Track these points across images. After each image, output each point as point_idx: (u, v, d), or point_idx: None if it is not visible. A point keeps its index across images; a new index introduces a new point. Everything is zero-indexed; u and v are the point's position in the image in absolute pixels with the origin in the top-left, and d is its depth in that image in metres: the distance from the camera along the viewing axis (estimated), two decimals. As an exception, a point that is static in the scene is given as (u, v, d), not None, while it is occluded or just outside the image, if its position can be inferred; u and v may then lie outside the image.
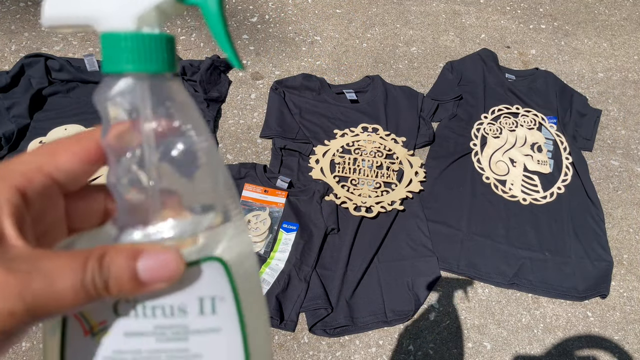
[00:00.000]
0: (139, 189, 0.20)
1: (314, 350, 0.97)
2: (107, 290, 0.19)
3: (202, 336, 0.21)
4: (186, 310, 0.21)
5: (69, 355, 0.21)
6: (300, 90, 1.36)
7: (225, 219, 0.22)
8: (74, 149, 0.21)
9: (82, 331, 0.21)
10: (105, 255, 0.19)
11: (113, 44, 0.19)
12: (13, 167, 0.20)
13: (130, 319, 0.21)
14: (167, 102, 0.20)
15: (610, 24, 1.75)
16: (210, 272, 0.21)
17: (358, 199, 1.15)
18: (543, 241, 1.15)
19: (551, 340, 1.03)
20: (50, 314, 0.18)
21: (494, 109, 1.38)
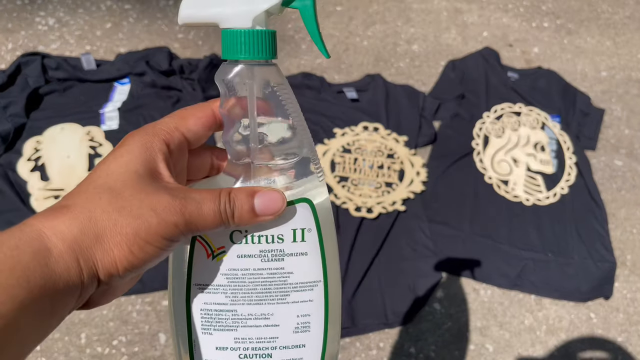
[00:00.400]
0: (244, 148, 0.28)
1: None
2: (232, 218, 0.26)
3: (294, 258, 0.28)
4: (283, 238, 0.28)
5: (195, 272, 0.28)
6: (300, 88, 1.34)
7: (310, 172, 0.29)
8: (198, 115, 0.28)
9: (206, 254, 0.28)
10: (232, 192, 0.26)
11: (232, 38, 0.26)
12: (160, 127, 0.27)
13: (242, 245, 0.28)
14: (268, 82, 0.27)
15: (614, 22, 1.74)
16: (301, 210, 0.28)
17: (359, 199, 1.14)
18: (546, 242, 1.14)
19: (554, 342, 1.02)
20: (198, 229, 0.25)
21: (497, 107, 1.37)
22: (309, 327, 0.30)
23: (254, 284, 0.28)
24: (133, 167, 0.25)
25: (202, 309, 0.29)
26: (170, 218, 0.24)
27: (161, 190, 0.24)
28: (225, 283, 0.28)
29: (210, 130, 0.29)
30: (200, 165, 0.30)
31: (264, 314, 0.29)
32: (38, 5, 1.49)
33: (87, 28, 1.45)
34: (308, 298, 0.29)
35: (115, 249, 0.23)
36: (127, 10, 1.52)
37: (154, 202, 0.24)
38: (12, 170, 1.09)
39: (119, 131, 1.18)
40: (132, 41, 1.43)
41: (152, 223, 0.23)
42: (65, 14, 1.48)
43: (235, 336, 0.29)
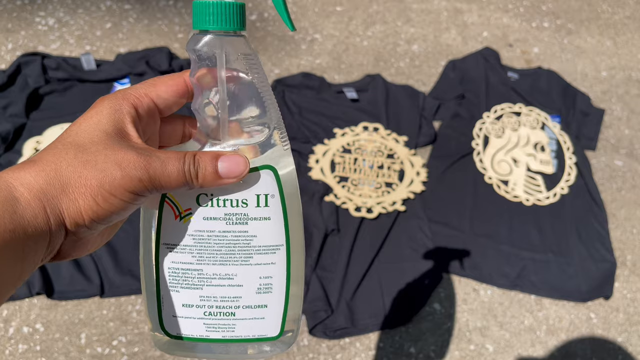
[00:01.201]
0: (213, 115, 0.29)
1: (314, 352, 0.96)
2: (196, 179, 0.27)
3: (258, 222, 0.30)
4: (247, 203, 0.29)
5: (163, 232, 0.30)
6: (300, 89, 1.34)
7: (275, 142, 0.30)
8: (169, 83, 0.29)
9: (174, 215, 0.29)
10: (197, 154, 0.27)
11: (202, 10, 0.27)
12: (129, 92, 0.28)
13: (207, 208, 0.29)
14: (237, 53, 0.28)
15: (614, 22, 1.74)
16: (265, 177, 0.29)
17: (358, 199, 1.14)
18: (546, 242, 1.14)
19: (554, 342, 1.02)
20: (162, 187, 0.26)
21: (497, 108, 1.37)
22: (271, 288, 0.31)
23: (219, 245, 0.30)
24: (102, 126, 0.26)
25: (170, 268, 0.30)
26: (134, 173, 0.25)
27: (127, 148, 0.26)
28: (191, 243, 0.30)
29: (180, 98, 0.30)
30: (172, 132, 0.32)
31: (228, 274, 0.30)
32: (38, 5, 1.49)
33: (87, 28, 1.45)
34: (270, 261, 0.31)
35: (80, 199, 0.25)
36: (127, 11, 1.52)
37: (119, 158, 0.25)
38: (12, 170, 1.09)
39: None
40: (132, 41, 1.43)
41: (116, 176, 0.25)
42: (65, 14, 1.48)
43: (201, 294, 0.31)
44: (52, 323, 0.95)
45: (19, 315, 0.95)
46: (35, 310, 0.96)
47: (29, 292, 0.96)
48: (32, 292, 0.96)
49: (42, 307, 0.97)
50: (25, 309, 0.96)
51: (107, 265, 0.99)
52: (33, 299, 0.97)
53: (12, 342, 0.92)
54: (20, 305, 0.96)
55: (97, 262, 0.99)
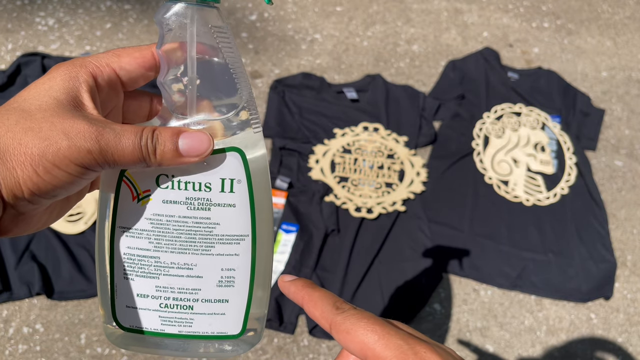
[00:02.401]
0: (180, 91, 0.26)
1: (314, 353, 0.96)
2: (154, 155, 0.25)
3: (222, 209, 0.27)
4: (211, 187, 0.27)
5: (120, 214, 0.27)
6: (300, 89, 1.34)
7: (245, 122, 0.28)
8: (134, 54, 0.27)
9: (131, 196, 0.27)
10: (157, 129, 0.25)
11: None
12: (88, 60, 0.26)
13: (167, 190, 0.27)
14: (208, 25, 0.26)
15: (614, 23, 1.74)
16: (232, 159, 0.27)
17: (359, 200, 1.14)
18: (546, 242, 1.14)
19: (554, 343, 1.02)
20: (114, 161, 0.24)
21: (497, 108, 1.37)
22: (233, 282, 0.29)
23: (178, 231, 0.27)
24: (53, 93, 0.24)
25: (125, 253, 0.28)
26: (83, 143, 0.23)
27: (79, 117, 0.24)
28: (149, 228, 0.27)
29: (147, 71, 0.27)
30: (137, 109, 0.29)
31: (187, 264, 0.28)
32: (38, 5, 1.48)
33: (87, 28, 1.45)
34: (234, 252, 0.28)
35: (18, 169, 0.22)
36: (127, 11, 1.52)
37: (67, 126, 0.23)
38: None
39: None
40: (132, 41, 1.43)
41: (61, 146, 0.23)
42: (65, 14, 1.48)
43: (157, 284, 0.28)
44: (52, 323, 0.95)
45: (19, 316, 0.95)
46: (35, 310, 0.96)
47: (29, 293, 0.96)
48: (32, 293, 0.96)
49: (42, 307, 0.97)
50: (25, 310, 0.96)
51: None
52: (33, 299, 0.97)
53: (12, 342, 0.92)
54: (20, 306, 0.96)
55: (97, 262, 0.99)
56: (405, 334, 0.23)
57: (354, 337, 0.23)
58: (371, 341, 0.23)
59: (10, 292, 0.96)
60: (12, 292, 0.96)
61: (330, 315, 0.25)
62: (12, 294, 0.96)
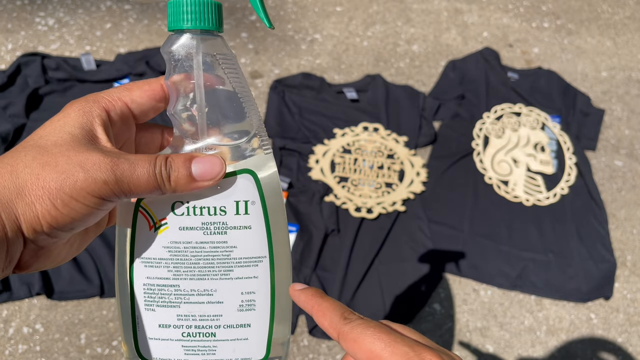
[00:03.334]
0: (190, 120, 0.27)
1: (314, 353, 0.96)
2: (169, 182, 0.25)
3: (238, 232, 0.28)
4: (225, 210, 0.27)
5: (138, 244, 0.28)
6: (300, 89, 1.34)
7: (256, 143, 0.28)
8: (144, 87, 0.28)
9: (148, 226, 0.27)
10: (169, 156, 0.26)
11: (178, 8, 0.26)
12: (101, 95, 0.27)
13: (183, 217, 0.27)
14: (214, 53, 0.27)
15: (614, 23, 1.74)
16: (244, 181, 0.27)
17: (358, 200, 1.14)
18: (546, 242, 1.14)
19: (554, 343, 1.02)
20: (130, 190, 0.24)
21: (497, 108, 1.37)
22: (254, 305, 0.29)
23: (196, 257, 0.28)
24: (68, 129, 0.25)
25: (145, 284, 0.28)
26: (99, 175, 0.23)
27: (93, 150, 0.24)
28: (167, 256, 0.28)
29: (157, 102, 0.28)
30: (149, 141, 0.30)
31: (207, 290, 0.28)
32: (38, 5, 1.48)
33: (87, 28, 1.45)
34: (253, 274, 0.28)
35: (37, 203, 0.23)
36: (127, 11, 1.52)
37: (82, 159, 0.23)
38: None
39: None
40: (132, 41, 1.43)
41: (78, 178, 0.23)
42: (65, 14, 1.48)
43: (178, 313, 0.28)
44: (52, 323, 0.95)
45: (19, 316, 0.95)
46: (35, 310, 0.96)
47: (29, 293, 0.96)
48: (32, 293, 0.96)
49: (42, 307, 0.97)
50: (25, 310, 0.96)
51: (107, 265, 0.99)
52: (33, 300, 0.97)
53: (12, 342, 0.92)
54: (20, 306, 0.96)
55: (97, 262, 0.99)
56: (411, 341, 0.24)
57: (362, 346, 0.24)
58: (378, 349, 0.23)
59: (10, 292, 0.96)
60: (12, 292, 0.96)
61: (338, 325, 0.25)
62: (12, 294, 0.96)
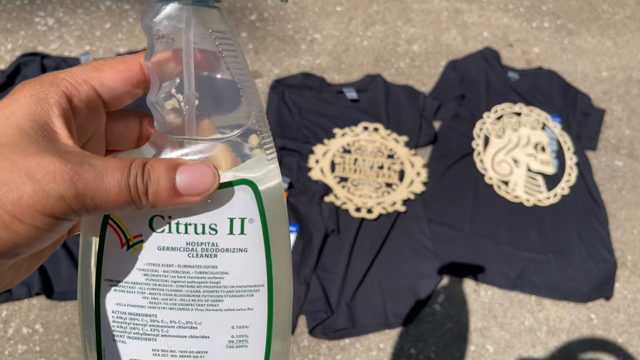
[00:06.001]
0: (176, 112, 0.22)
1: (314, 353, 0.95)
2: (145, 196, 0.20)
3: (230, 255, 0.23)
4: (217, 229, 0.22)
5: (106, 264, 0.22)
6: (300, 89, 1.34)
7: (256, 147, 0.23)
8: (119, 67, 0.22)
9: (120, 243, 0.22)
10: (148, 162, 0.20)
11: None
12: (62, 76, 0.21)
13: (164, 234, 0.22)
14: (208, 30, 0.21)
15: (614, 23, 1.74)
16: (242, 195, 0.22)
17: (359, 200, 1.14)
18: (546, 243, 1.14)
19: (554, 343, 1.02)
20: (96, 207, 0.19)
21: (497, 108, 1.37)
22: (246, 341, 0.24)
23: (178, 284, 0.23)
24: (15, 121, 0.19)
25: (115, 311, 0.23)
26: (53, 187, 0.18)
27: (48, 152, 0.18)
28: (142, 281, 0.23)
29: (133, 86, 0.22)
30: (123, 133, 0.24)
31: (190, 322, 0.23)
32: (37, 5, 1.48)
33: (87, 28, 1.45)
34: (246, 306, 0.23)
35: None
36: (127, 11, 1.51)
37: (32, 165, 0.18)
38: (11, 170, 1.09)
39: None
40: (131, 41, 1.43)
41: (24, 192, 0.17)
42: (64, 14, 1.48)
43: (155, 347, 0.23)
44: (51, 324, 0.95)
45: (19, 316, 0.95)
46: (34, 310, 0.96)
47: (29, 293, 0.96)
48: (31, 293, 0.96)
49: (41, 307, 0.96)
50: (25, 310, 0.96)
51: (107, 266, 0.99)
52: (32, 300, 0.97)
53: (11, 342, 0.92)
54: (20, 306, 0.96)
55: (97, 262, 0.99)
56: None
57: None
58: None
59: (10, 292, 0.96)
60: (12, 292, 0.96)
61: None
62: (12, 294, 0.96)
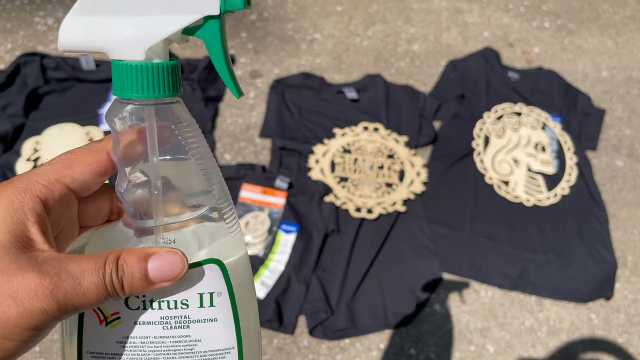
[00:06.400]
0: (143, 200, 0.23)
1: (314, 353, 0.95)
2: (122, 289, 0.22)
3: (202, 325, 0.25)
4: (188, 304, 0.24)
5: (86, 339, 0.24)
6: (300, 88, 1.34)
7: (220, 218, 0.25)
8: (88, 160, 0.23)
9: (98, 320, 0.24)
10: (120, 257, 0.22)
11: (123, 72, 0.22)
12: (35, 179, 0.22)
13: (139, 311, 0.24)
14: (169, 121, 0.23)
15: (614, 23, 1.74)
16: (209, 272, 0.24)
17: (359, 200, 1.14)
18: (547, 243, 1.14)
19: (555, 343, 1.02)
20: (77, 309, 0.21)
21: (497, 108, 1.37)
22: None
23: (155, 352, 0.25)
24: None
25: None
26: (36, 305, 0.19)
27: (27, 267, 0.20)
28: (121, 352, 0.25)
29: (102, 176, 0.24)
30: (95, 212, 0.26)
31: None
32: (37, 5, 1.48)
33: (87, 28, 1.45)
34: None
35: None
36: (127, 10, 1.51)
37: (14, 287, 0.19)
38: (10, 170, 1.09)
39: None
40: (131, 41, 1.43)
41: (10, 315, 0.19)
42: (64, 13, 1.47)
43: None
44: (51, 324, 0.95)
45: (18, 316, 0.95)
46: (34, 311, 0.96)
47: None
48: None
49: (41, 308, 0.96)
50: (24, 310, 0.96)
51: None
52: (32, 300, 0.97)
53: (10, 343, 0.92)
54: (19, 306, 0.96)
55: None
56: None
57: None
58: None
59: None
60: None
61: None
62: None
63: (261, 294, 0.98)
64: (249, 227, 1.06)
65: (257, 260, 1.02)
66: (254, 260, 1.02)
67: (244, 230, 1.05)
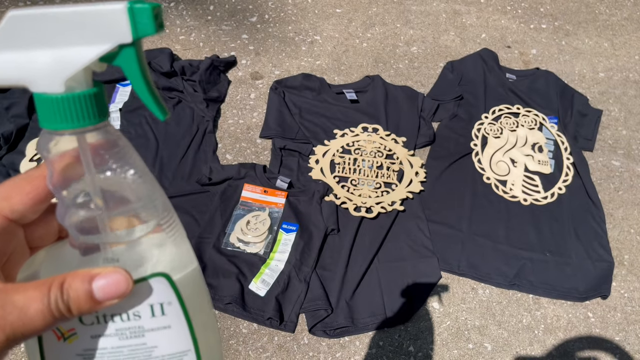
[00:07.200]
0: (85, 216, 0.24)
1: (314, 351, 0.96)
2: (69, 312, 0.22)
3: (156, 332, 0.26)
4: (140, 315, 0.25)
5: (47, 355, 0.25)
6: (300, 90, 1.35)
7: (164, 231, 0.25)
8: (26, 189, 0.24)
9: (56, 337, 0.25)
10: (64, 281, 0.22)
11: (45, 105, 0.21)
12: None
13: (94, 325, 0.25)
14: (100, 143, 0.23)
15: (611, 24, 1.75)
16: (157, 285, 0.25)
17: (358, 200, 1.15)
18: (544, 242, 1.15)
19: (552, 341, 1.03)
20: (26, 337, 0.21)
21: (495, 109, 1.38)
22: None
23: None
24: None
25: None
26: None
27: None
28: None
29: (42, 203, 0.24)
30: (43, 234, 0.26)
31: None
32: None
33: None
34: None
35: None
36: (129, 12, 1.52)
37: None
38: (14, 170, 1.10)
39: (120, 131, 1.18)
40: (133, 43, 1.44)
41: None
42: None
43: None
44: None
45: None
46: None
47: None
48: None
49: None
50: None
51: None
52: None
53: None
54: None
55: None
56: None
57: None
58: None
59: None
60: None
61: None
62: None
63: (262, 293, 0.99)
64: (250, 227, 1.07)
65: (258, 259, 1.03)
66: (255, 258, 1.03)
67: (245, 230, 1.06)
